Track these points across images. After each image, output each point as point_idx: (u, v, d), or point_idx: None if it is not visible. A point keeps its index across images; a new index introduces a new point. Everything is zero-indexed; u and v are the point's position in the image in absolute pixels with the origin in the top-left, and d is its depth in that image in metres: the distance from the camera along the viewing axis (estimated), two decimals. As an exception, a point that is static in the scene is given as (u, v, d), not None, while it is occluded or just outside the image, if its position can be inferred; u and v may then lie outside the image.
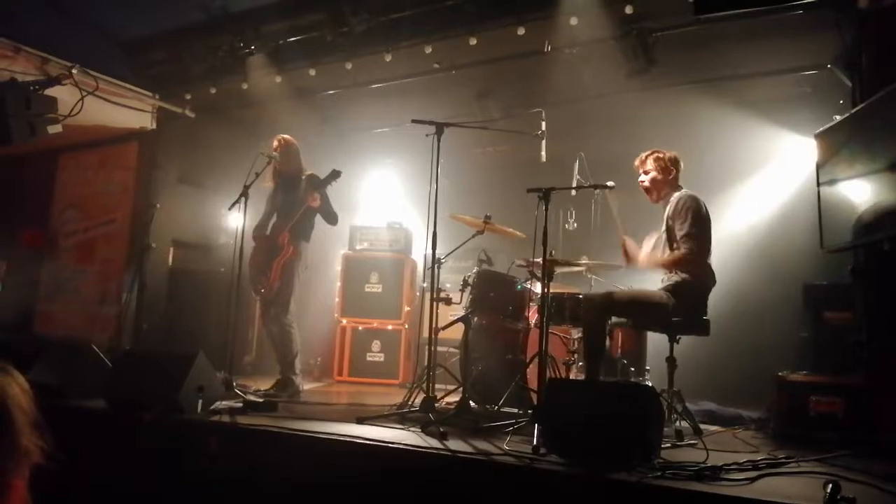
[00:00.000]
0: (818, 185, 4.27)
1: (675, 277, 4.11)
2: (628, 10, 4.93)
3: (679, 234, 4.09)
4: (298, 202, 5.26)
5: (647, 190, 4.41)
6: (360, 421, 3.86)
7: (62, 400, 4.28)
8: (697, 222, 4.08)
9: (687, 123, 6.10)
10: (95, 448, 3.70)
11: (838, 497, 2.31)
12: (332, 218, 5.48)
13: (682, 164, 4.40)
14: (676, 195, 4.27)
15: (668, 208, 4.28)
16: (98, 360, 4.77)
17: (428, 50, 5.70)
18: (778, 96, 6.08)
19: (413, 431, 3.63)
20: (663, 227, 4.31)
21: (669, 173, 4.33)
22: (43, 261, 7.81)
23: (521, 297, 4.69)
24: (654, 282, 4.36)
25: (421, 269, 7.13)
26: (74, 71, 5.91)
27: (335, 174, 5.19)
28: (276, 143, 5.52)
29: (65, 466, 1.33)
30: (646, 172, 4.38)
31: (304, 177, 5.45)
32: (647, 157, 4.39)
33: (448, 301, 4.59)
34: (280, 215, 5.46)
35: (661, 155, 4.36)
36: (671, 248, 4.21)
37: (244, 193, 4.98)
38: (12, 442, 1.22)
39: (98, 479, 3.63)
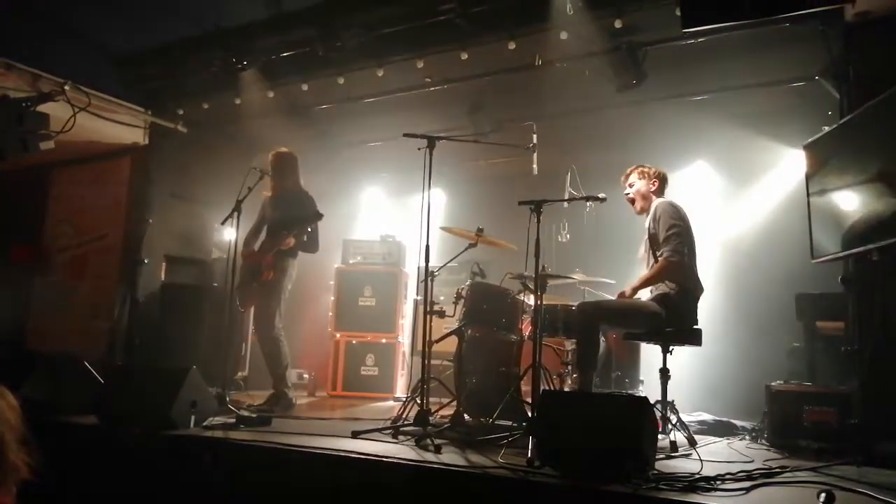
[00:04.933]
0: (808, 195, 4.30)
1: (663, 287, 4.16)
2: (618, 24, 4.97)
3: (661, 237, 4.15)
4: (288, 226, 5.28)
5: (631, 201, 4.54)
6: (355, 435, 3.84)
7: (54, 415, 4.24)
8: (677, 224, 4.15)
9: (678, 136, 6.16)
10: (87, 464, 3.68)
11: (832, 506, 2.31)
12: (311, 249, 5.52)
13: (667, 179, 4.52)
14: (655, 203, 4.36)
15: (648, 217, 4.37)
16: (90, 375, 4.74)
17: (420, 64, 5.74)
18: (767, 108, 6.13)
19: (407, 445, 3.62)
20: (645, 237, 4.37)
21: (653, 185, 4.46)
22: (35, 276, 7.77)
23: (515, 310, 4.69)
24: (646, 292, 4.38)
25: (414, 282, 7.13)
26: (66, 87, 5.90)
27: (316, 217, 5.19)
28: (270, 157, 5.54)
29: (55, 482, 1.32)
30: (630, 185, 4.52)
31: (297, 195, 5.47)
32: (631, 172, 4.55)
33: (441, 314, 4.59)
34: (269, 232, 5.47)
35: (644, 169, 4.51)
36: (655, 256, 4.26)
37: (237, 208, 4.97)
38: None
39: (89, 494, 3.60)
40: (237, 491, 3.47)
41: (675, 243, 4.09)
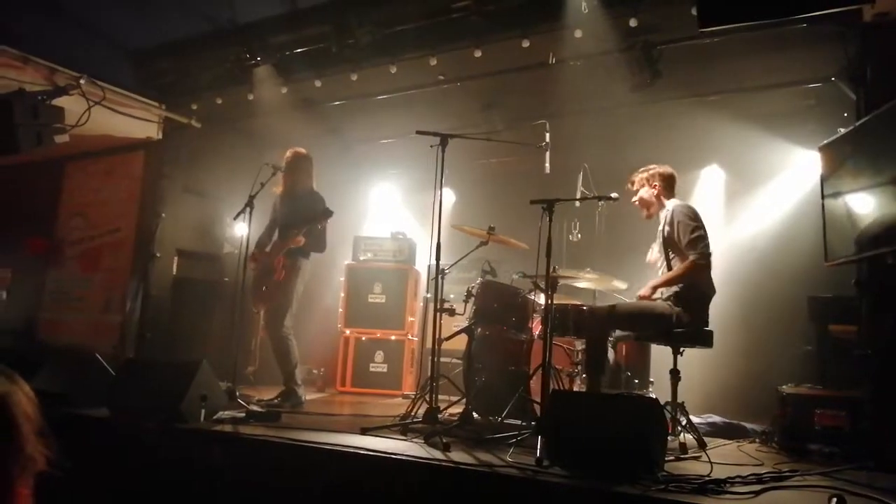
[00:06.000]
0: (822, 197, 4.27)
1: (675, 288, 4.14)
2: (633, 23, 4.94)
3: (684, 241, 4.12)
4: (297, 224, 5.29)
5: (639, 208, 4.54)
6: (364, 432, 3.85)
7: (65, 408, 4.28)
8: (699, 226, 4.14)
9: (692, 136, 6.12)
10: (99, 456, 3.70)
11: (843, 511, 2.30)
12: (319, 249, 5.52)
13: (672, 178, 4.49)
14: (668, 206, 4.33)
15: (662, 220, 4.34)
16: (101, 368, 4.78)
17: (433, 62, 5.73)
18: (783, 109, 6.09)
19: (416, 442, 3.62)
20: (659, 240, 4.34)
21: (655, 188, 4.42)
22: (47, 268, 7.84)
23: (525, 309, 4.69)
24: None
25: (424, 279, 7.14)
26: (82, 81, 5.96)
27: (326, 214, 5.19)
28: (286, 155, 5.56)
29: (68, 474, 1.34)
30: (635, 192, 4.51)
31: (309, 195, 5.49)
32: (634, 178, 4.54)
33: (451, 312, 4.59)
34: (280, 233, 5.49)
35: (644, 174, 4.48)
36: (668, 259, 4.23)
37: (249, 204, 5.00)
38: (17, 450, 1.22)
39: (100, 486, 3.63)
40: (246, 485, 3.49)
41: (701, 246, 4.08)
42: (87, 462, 3.21)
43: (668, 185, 4.46)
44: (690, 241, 4.10)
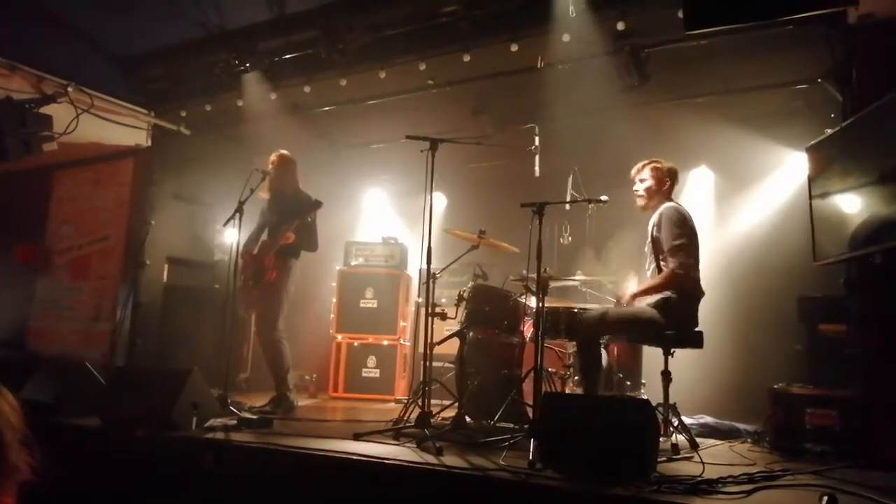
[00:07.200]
0: (810, 198, 4.29)
1: (664, 293, 4.12)
2: (620, 26, 4.96)
3: (666, 247, 4.10)
4: (287, 221, 5.28)
5: (638, 198, 4.44)
6: (356, 437, 3.84)
7: (56, 417, 4.25)
8: (684, 234, 4.09)
9: (681, 138, 6.14)
10: (89, 465, 3.68)
11: (834, 510, 2.31)
12: (311, 247, 5.52)
13: (678, 177, 4.44)
14: (662, 206, 4.29)
15: (653, 219, 4.31)
16: (92, 377, 4.75)
17: (422, 66, 5.74)
18: (770, 110, 6.12)
19: (408, 447, 3.62)
20: (648, 239, 4.33)
21: (663, 184, 4.37)
22: (37, 277, 7.79)
23: (517, 312, 4.69)
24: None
25: (416, 284, 7.13)
26: (70, 89, 5.93)
27: (315, 205, 5.18)
28: (272, 158, 5.55)
29: (58, 484, 1.33)
30: (641, 181, 4.41)
31: (296, 195, 5.48)
32: (644, 166, 4.44)
33: (443, 316, 4.58)
34: (270, 233, 5.48)
35: (658, 165, 4.40)
36: (657, 260, 4.23)
37: (239, 210, 4.97)
38: (1, 459, 1.22)
39: (91, 496, 3.60)
40: (238, 492, 3.47)
41: (681, 256, 4.03)
42: (78, 472, 3.19)
43: (673, 185, 4.41)
44: (672, 248, 4.06)
